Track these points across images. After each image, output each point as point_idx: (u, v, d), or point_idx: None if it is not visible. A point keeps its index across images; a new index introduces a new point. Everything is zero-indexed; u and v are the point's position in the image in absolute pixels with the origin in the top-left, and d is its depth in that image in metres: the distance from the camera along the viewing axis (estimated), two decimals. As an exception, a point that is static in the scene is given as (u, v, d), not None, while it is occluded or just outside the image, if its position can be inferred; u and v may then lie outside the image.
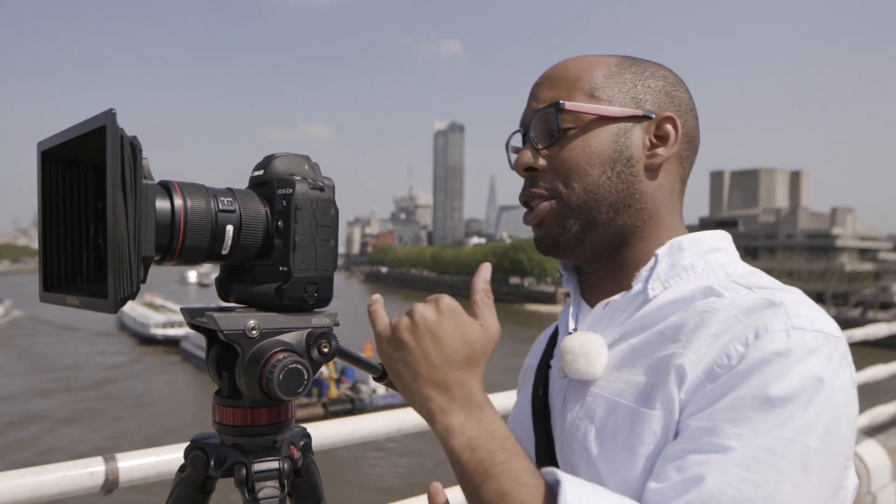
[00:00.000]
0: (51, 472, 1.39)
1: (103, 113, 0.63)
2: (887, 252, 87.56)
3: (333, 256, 0.82)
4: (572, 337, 0.85)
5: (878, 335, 4.26)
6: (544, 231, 0.90)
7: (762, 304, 0.74)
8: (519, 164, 0.90)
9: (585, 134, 0.86)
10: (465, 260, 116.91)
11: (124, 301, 0.65)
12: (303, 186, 0.78)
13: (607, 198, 0.86)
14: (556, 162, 0.88)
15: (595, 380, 0.83)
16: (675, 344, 0.76)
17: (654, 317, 0.81)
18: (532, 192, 0.90)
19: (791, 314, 0.72)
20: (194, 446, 0.85)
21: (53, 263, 0.74)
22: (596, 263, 0.92)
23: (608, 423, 0.79)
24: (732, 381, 0.69)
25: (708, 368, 0.71)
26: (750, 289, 0.78)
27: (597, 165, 0.86)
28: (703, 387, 0.71)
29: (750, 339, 0.70)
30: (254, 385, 0.76)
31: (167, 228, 0.71)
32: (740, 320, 0.73)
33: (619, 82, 0.88)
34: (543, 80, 0.92)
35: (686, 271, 0.84)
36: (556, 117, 0.87)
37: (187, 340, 41.64)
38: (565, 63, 0.92)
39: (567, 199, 0.87)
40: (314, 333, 0.80)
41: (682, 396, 0.72)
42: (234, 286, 0.83)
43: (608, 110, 0.86)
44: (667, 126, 0.88)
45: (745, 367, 0.69)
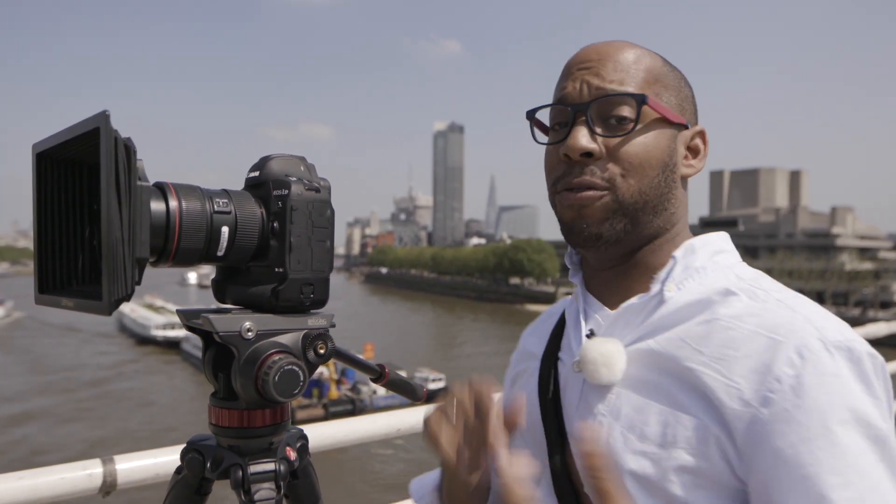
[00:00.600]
0: (48, 474, 1.39)
1: (97, 114, 0.63)
2: (887, 251, 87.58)
3: (329, 257, 0.82)
4: (592, 345, 0.84)
5: (878, 334, 4.26)
6: (587, 221, 0.86)
7: (788, 319, 0.75)
8: (576, 146, 0.84)
9: (648, 132, 0.85)
10: (465, 260, 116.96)
11: (119, 303, 0.65)
12: (298, 187, 0.78)
13: (653, 200, 0.86)
14: (619, 153, 0.85)
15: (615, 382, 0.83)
16: (700, 356, 0.77)
17: (671, 319, 0.82)
18: (588, 181, 0.85)
19: (820, 328, 0.74)
20: (190, 448, 0.85)
21: (48, 265, 0.74)
22: (618, 260, 0.91)
23: (635, 422, 0.80)
24: (795, 409, 0.70)
25: (757, 392, 0.72)
26: (765, 295, 0.80)
27: (654, 166, 0.85)
28: (760, 413, 0.71)
29: (795, 360, 0.72)
30: (249, 387, 0.76)
31: (162, 230, 0.71)
32: (775, 340, 0.74)
33: (671, 85, 0.89)
34: (603, 59, 0.87)
35: (698, 272, 0.85)
36: (636, 109, 0.84)
37: (187, 342, 41.68)
38: (620, 47, 0.88)
39: (622, 196, 0.84)
40: (310, 335, 0.80)
41: (728, 416, 0.73)
42: (230, 288, 0.83)
43: (671, 114, 0.86)
44: (697, 139, 0.92)
45: (804, 394, 0.70)
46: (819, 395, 0.69)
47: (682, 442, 0.75)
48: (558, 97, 0.90)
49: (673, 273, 0.85)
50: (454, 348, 51.55)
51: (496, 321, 69.15)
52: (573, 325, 0.94)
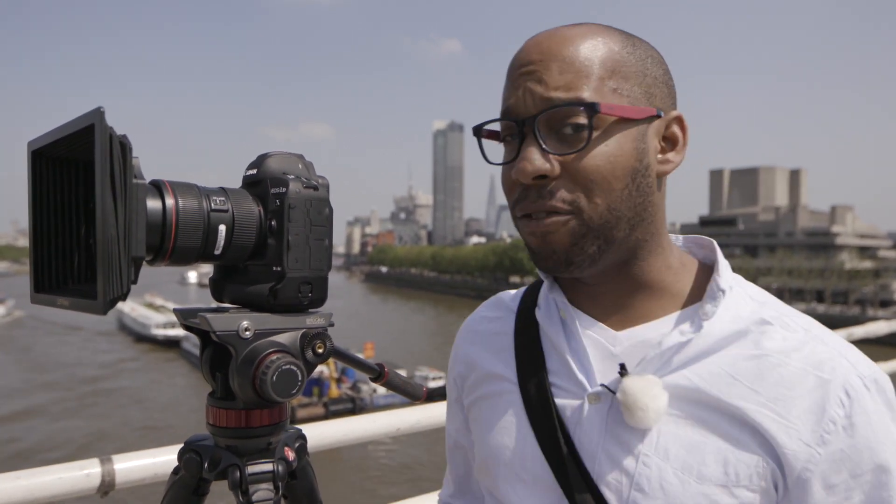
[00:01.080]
0: (47, 473, 1.38)
1: (92, 111, 0.62)
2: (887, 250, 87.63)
3: (328, 256, 0.81)
4: (638, 388, 0.75)
5: (878, 333, 4.26)
6: (554, 247, 0.77)
7: (827, 356, 0.76)
8: (526, 170, 0.74)
9: (608, 138, 0.74)
10: (465, 259, 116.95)
11: (114, 302, 0.64)
12: (296, 185, 0.77)
13: (626, 214, 0.77)
14: (576, 170, 0.74)
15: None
16: (756, 395, 0.75)
17: (710, 350, 0.77)
18: (549, 206, 0.75)
19: (853, 362, 0.76)
20: (188, 448, 0.84)
21: (44, 264, 0.73)
22: (601, 277, 0.83)
23: (689, 462, 0.74)
24: (849, 448, 0.72)
25: (814, 433, 0.73)
26: (794, 325, 0.79)
27: (621, 178, 0.75)
28: (817, 454, 0.73)
29: (844, 400, 0.73)
30: (247, 386, 0.75)
31: (158, 228, 0.70)
32: (823, 378, 0.75)
33: (632, 71, 0.76)
34: (546, 59, 0.75)
35: (723, 294, 0.79)
36: (588, 119, 0.73)
37: (187, 341, 41.71)
38: (569, 38, 0.76)
39: (589, 218, 0.75)
40: (308, 334, 0.79)
41: (787, 456, 0.73)
42: (228, 286, 0.82)
43: (633, 110, 0.75)
44: (674, 127, 0.80)
45: (856, 434, 0.73)
46: (867, 433, 0.73)
47: (745, 479, 0.73)
48: (503, 109, 0.79)
49: (713, 300, 0.79)
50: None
51: (496, 320, 68.73)
52: (570, 347, 0.84)
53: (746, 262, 74.22)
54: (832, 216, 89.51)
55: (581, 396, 0.81)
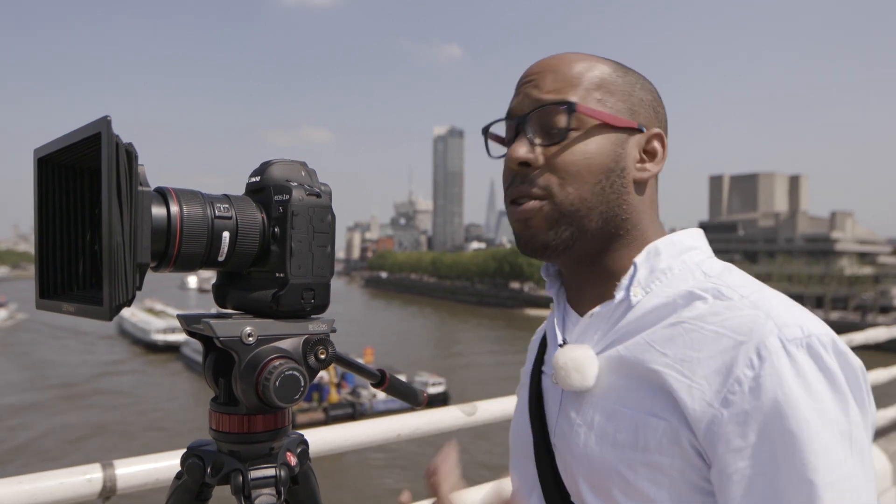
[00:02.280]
0: (48, 479, 1.39)
1: (98, 120, 0.63)
2: (886, 256, 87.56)
3: (330, 263, 0.82)
4: (563, 351, 0.86)
5: (878, 339, 4.26)
6: (533, 232, 0.88)
7: (750, 318, 0.75)
8: (513, 157, 0.86)
9: (588, 138, 0.85)
10: (465, 265, 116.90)
11: (119, 308, 0.65)
12: (299, 193, 0.78)
13: (598, 207, 0.86)
14: (555, 162, 0.85)
15: (589, 389, 0.85)
16: (665, 358, 0.79)
17: (638, 324, 0.84)
18: (525, 190, 0.87)
19: (780, 324, 0.74)
20: (191, 453, 0.84)
21: (50, 270, 0.74)
22: (579, 267, 0.92)
23: (607, 430, 0.82)
24: (754, 410, 0.71)
25: (718, 394, 0.73)
26: (730, 292, 0.79)
27: (595, 173, 0.85)
28: (720, 414, 0.73)
29: (754, 361, 0.72)
30: (250, 392, 0.76)
31: (163, 235, 0.71)
32: (737, 340, 0.74)
33: (618, 90, 0.88)
34: (544, 71, 0.88)
35: (665, 274, 0.85)
36: (566, 116, 0.84)
37: (188, 346, 41.69)
38: (566, 58, 0.89)
39: (560, 203, 0.85)
40: (311, 340, 0.80)
41: (692, 418, 0.74)
42: (231, 292, 0.83)
43: (613, 118, 0.86)
44: (654, 142, 0.90)
45: (762, 395, 0.71)
46: (777, 395, 0.70)
47: (654, 444, 0.77)
48: (507, 110, 0.92)
49: (637, 277, 0.85)
50: (454, 353, 51.49)
51: (496, 326, 69.04)
52: (551, 336, 0.97)
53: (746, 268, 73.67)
54: (832, 222, 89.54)
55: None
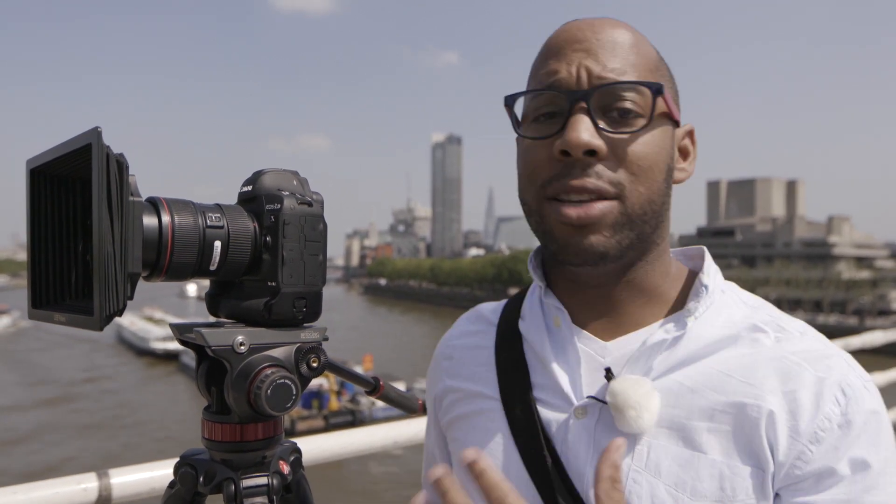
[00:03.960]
0: (43, 488, 1.38)
1: (89, 131, 0.63)
2: (884, 259, 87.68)
3: (322, 271, 0.82)
4: (627, 387, 0.73)
5: (874, 343, 4.26)
6: (593, 239, 0.73)
7: (825, 356, 0.75)
8: (578, 141, 0.70)
9: (654, 130, 0.74)
10: (464, 271, 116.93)
11: (110, 318, 0.65)
12: (291, 202, 0.79)
13: (658, 210, 0.76)
14: (626, 152, 0.72)
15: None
16: (751, 388, 0.73)
17: (701, 353, 0.76)
18: (594, 185, 0.72)
19: (851, 364, 0.76)
20: (183, 462, 0.84)
21: (42, 280, 0.74)
22: (607, 277, 0.80)
23: (683, 478, 0.71)
24: (844, 447, 0.70)
25: (807, 429, 0.71)
26: (789, 327, 0.78)
27: (661, 170, 0.75)
28: (808, 451, 0.71)
29: (840, 398, 0.72)
30: (242, 400, 0.76)
31: (154, 245, 0.71)
32: (818, 376, 0.73)
33: (668, 77, 0.78)
34: (600, 36, 0.74)
35: (710, 297, 0.79)
36: (651, 101, 0.72)
37: (187, 354, 41.60)
38: (619, 28, 0.76)
39: (631, 205, 0.73)
40: (303, 348, 0.80)
41: (778, 453, 0.71)
42: (223, 301, 0.83)
43: (676, 110, 0.77)
44: (687, 140, 0.82)
45: (851, 432, 0.71)
46: (862, 432, 0.71)
47: (742, 494, 0.71)
48: (549, 82, 0.75)
49: (702, 301, 0.78)
50: (453, 359, 51.25)
51: (495, 332, 68.60)
52: (558, 358, 0.81)
53: (744, 273, 74.27)
54: (829, 226, 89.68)
55: (567, 411, 0.78)
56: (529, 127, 0.79)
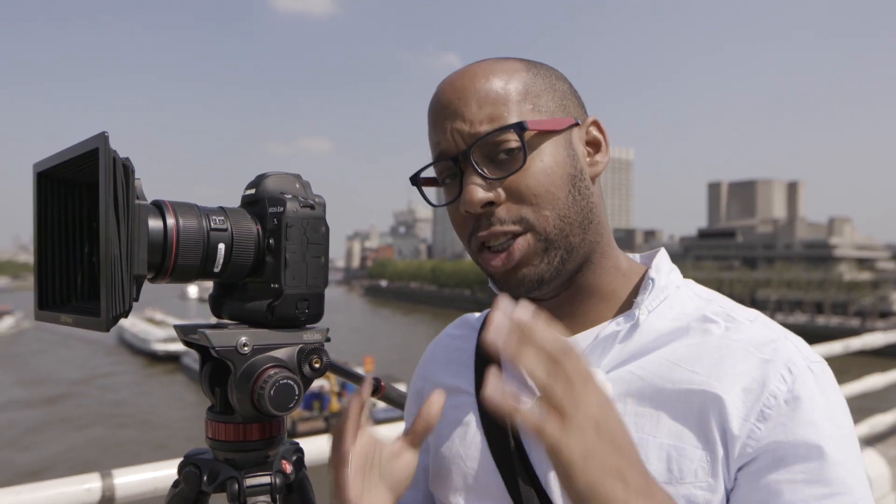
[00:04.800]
0: (47, 488, 1.40)
1: (96, 136, 0.64)
2: (885, 261, 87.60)
3: (324, 273, 0.83)
4: None
5: (874, 345, 4.27)
6: (524, 272, 0.80)
7: (771, 339, 0.77)
8: (473, 200, 0.77)
9: (540, 153, 0.78)
10: (465, 273, 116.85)
11: (117, 319, 0.66)
12: (293, 205, 0.80)
13: (576, 219, 0.80)
14: (519, 190, 0.78)
15: None
16: (697, 375, 0.75)
17: (653, 345, 0.79)
18: (501, 231, 0.78)
19: (798, 346, 0.77)
20: (187, 461, 0.86)
21: (48, 282, 0.76)
22: (558, 289, 0.85)
23: None
24: (791, 422, 0.72)
25: (752, 408, 0.73)
26: (738, 316, 0.80)
27: (561, 186, 0.79)
28: (756, 428, 0.72)
29: (786, 376, 0.74)
30: (245, 401, 0.77)
31: (160, 247, 0.72)
32: (763, 359, 0.75)
33: (542, 90, 0.81)
34: (463, 97, 0.79)
35: (663, 292, 0.83)
36: (519, 140, 0.77)
37: (188, 356, 41.63)
38: (478, 76, 0.80)
39: (542, 230, 0.78)
40: (305, 349, 0.81)
41: (728, 434, 0.72)
42: (227, 303, 0.84)
43: (555, 122, 0.79)
44: (593, 131, 0.84)
45: (798, 408, 0.72)
46: (810, 410, 0.72)
47: (690, 476, 0.73)
48: (436, 154, 0.83)
49: (650, 296, 0.81)
50: (454, 361, 51.24)
51: (496, 333, 68.50)
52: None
53: (745, 275, 74.33)
54: (830, 228, 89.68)
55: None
56: (441, 191, 0.87)
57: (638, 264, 0.91)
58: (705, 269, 74.34)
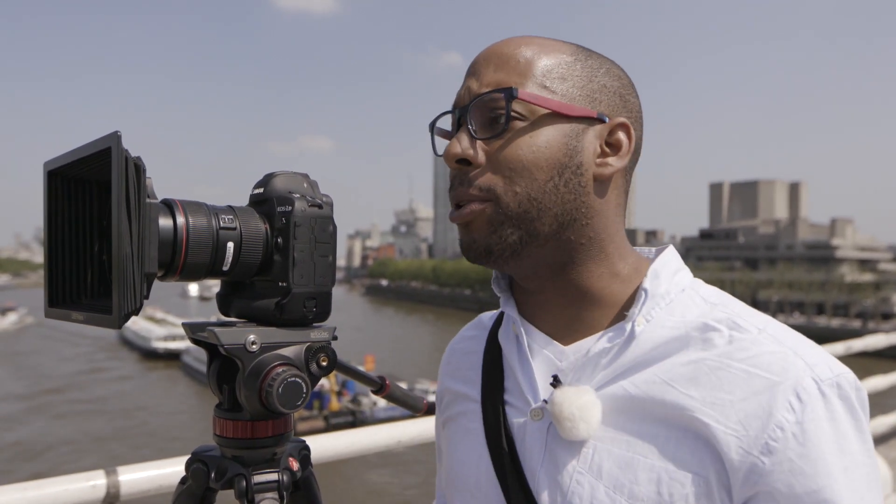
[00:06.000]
0: (52, 485, 1.40)
1: (109, 135, 0.65)
2: (887, 262, 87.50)
3: (332, 272, 0.83)
4: (566, 397, 0.75)
5: (877, 346, 4.27)
6: (474, 236, 0.79)
7: (780, 356, 0.71)
8: (450, 153, 0.77)
9: (535, 130, 0.76)
10: (466, 272, 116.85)
11: (128, 317, 0.67)
12: (302, 204, 0.80)
13: (552, 208, 0.76)
14: (498, 158, 0.76)
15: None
16: (691, 400, 0.71)
17: (646, 358, 0.76)
18: (464, 193, 0.78)
19: (810, 364, 0.71)
20: (195, 458, 0.86)
21: (58, 280, 0.76)
22: (539, 281, 0.82)
23: (622, 481, 0.72)
24: (799, 458, 0.67)
25: (757, 440, 0.68)
26: (745, 324, 0.75)
27: (544, 168, 0.76)
28: (760, 462, 0.68)
29: (794, 404, 0.68)
30: (254, 398, 0.78)
31: (170, 245, 0.73)
32: (771, 381, 0.70)
33: (574, 75, 0.78)
34: (488, 58, 0.79)
35: (663, 299, 0.78)
36: (506, 105, 0.75)
37: (188, 354, 41.71)
38: (514, 42, 0.79)
39: (505, 205, 0.76)
40: (313, 347, 0.82)
41: (728, 465, 0.69)
42: (235, 301, 0.85)
43: (564, 106, 0.76)
44: (619, 133, 0.80)
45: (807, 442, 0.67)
46: (820, 442, 0.67)
47: (680, 500, 0.69)
48: (453, 105, 0.83)
49: (646, 306, 0.77)
50: (455, 360, 51.30)
51: (497, 333, 68.67)
52: (520, 364, 0.84)
53: (747, 276, 74.24)
54: (832, 229, 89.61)
55: (527, 414, 0.81)
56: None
57: (644, 262, 0.85)
58: (707, 269, 74.22)
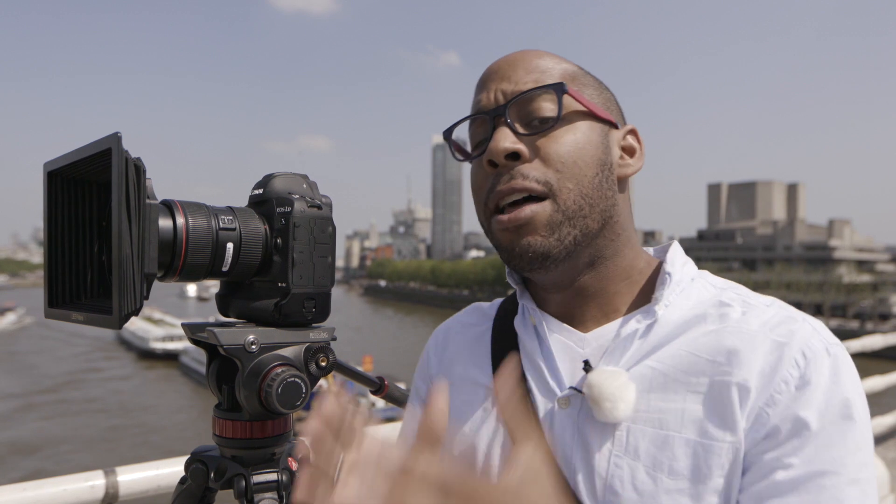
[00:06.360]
0: (51, 485, 1.40)
1: (109, 136, 0.65)
2: (885, 263, 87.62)
3: (331, 272, 0.84)
4: (603, 380, 0.75)
5: (874, 347, 4.28)
6: (532, 239, 0.78)
7: (789, 321, 0.76)
8: (499, 148, 0.77)
9: (575, 127, 0.79)
10: (464, 273, 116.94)
11: (128, 317, 0.67)
12: (301, 205, 0.81)
13: (599, 204, 0.79)
14: (548, 152, 0.77)
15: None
16: (716, 365, 0.74)
17: (668, 336, 0.78)
18: (520, 185, 0.77)
19: (817, 328, 0.76)
20: (194, 458, 0.86)
21: (58, 280, 0.76)
22: (568, 279, 0.83)
23: (660, 459, 0.73)
24: (800, 407, 0.70)
25: (763, 392, 0.71)
26: (755, 301, 0.79)
27: (591, 165, 0.78)
28: (765, 413, 0.71)
29: (799, 361, 0.72)
30: (253, 398, 0.78)
31: (169, 246, 0.73)
32: (779, 342, 0.73)
33: (591, 84, 0.83)
34: (512, 64, 0.81)
35: (679, 285, 0.82)
36: (556, 100, 0.77)
37: (186, 354, 41.65)
38: (531, 52, 0.83)
39: (563, 202, 0.77)
40: (312, 348, 0.82)
41: (744, 423, 0.71)
42: (234, 302, 0.85)
43: (597, 108, 0.80)
44: (630, 139, 0.86)
45: (809, 392, 0.71)
46: (821, 393, 0.71)
47: (717, 469, 0.71)
48: (475, 110, 0.83)
49: (668, 289, 0.80)
50: (453, 361, 51.32)
51: (495, 333, 68.67)
52: (542, 353, 0.85)
53: (744, 276, 74.31)
54: (830, 230, 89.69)
55: (552, 401, 0.82)
56: (473, 154, 0.86)
57: (653, 258, 0.90)
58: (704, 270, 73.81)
